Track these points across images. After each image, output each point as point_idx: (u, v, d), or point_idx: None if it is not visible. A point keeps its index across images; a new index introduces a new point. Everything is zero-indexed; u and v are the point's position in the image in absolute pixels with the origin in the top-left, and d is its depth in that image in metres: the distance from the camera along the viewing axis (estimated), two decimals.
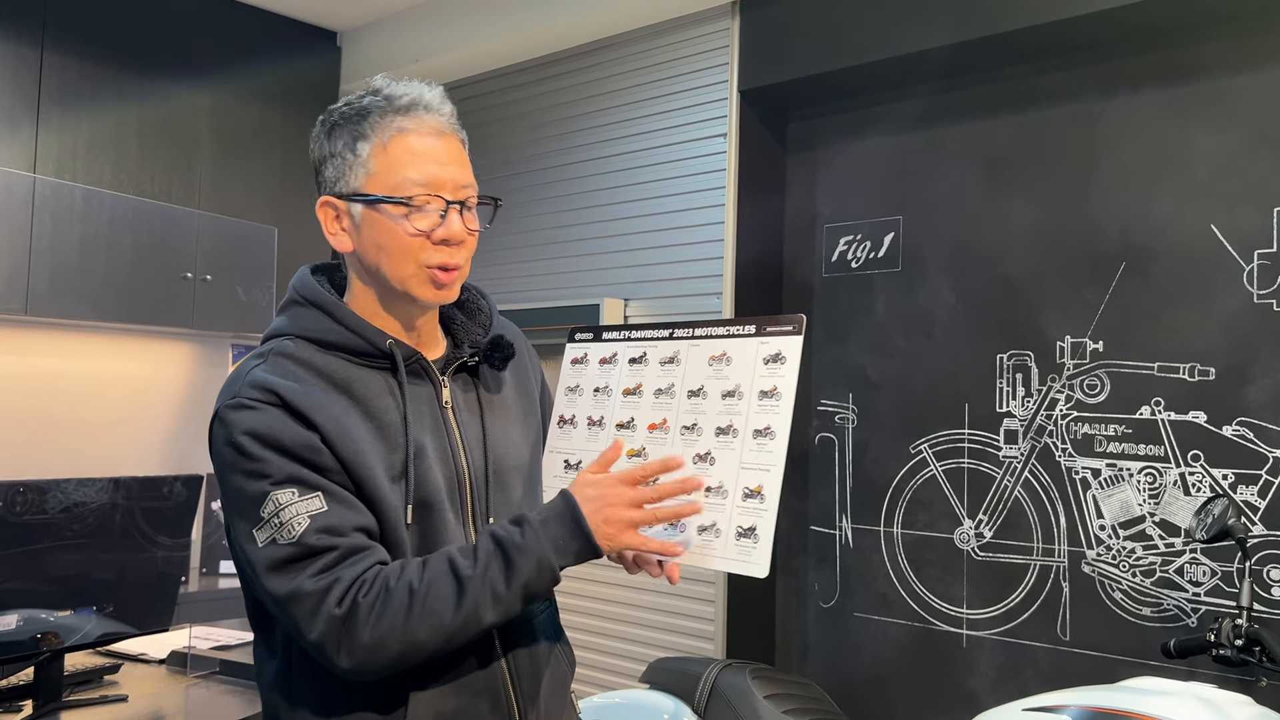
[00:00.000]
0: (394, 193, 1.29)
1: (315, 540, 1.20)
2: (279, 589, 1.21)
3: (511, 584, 1.23)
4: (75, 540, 2.17)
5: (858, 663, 2.94)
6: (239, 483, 1.24)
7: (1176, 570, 2.44)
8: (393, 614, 1.19)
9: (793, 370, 1.32)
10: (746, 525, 1.30)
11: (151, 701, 2.21)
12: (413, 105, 1.31)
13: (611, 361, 1.47)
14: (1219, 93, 2.46)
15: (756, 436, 1.33)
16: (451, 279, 1.34)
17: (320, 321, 1.33)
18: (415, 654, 1.21)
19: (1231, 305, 2.40)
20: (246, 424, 1.23)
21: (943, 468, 2.83)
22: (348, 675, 1.22)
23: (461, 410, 1.39)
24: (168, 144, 3.56)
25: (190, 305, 3.52)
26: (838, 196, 3.09)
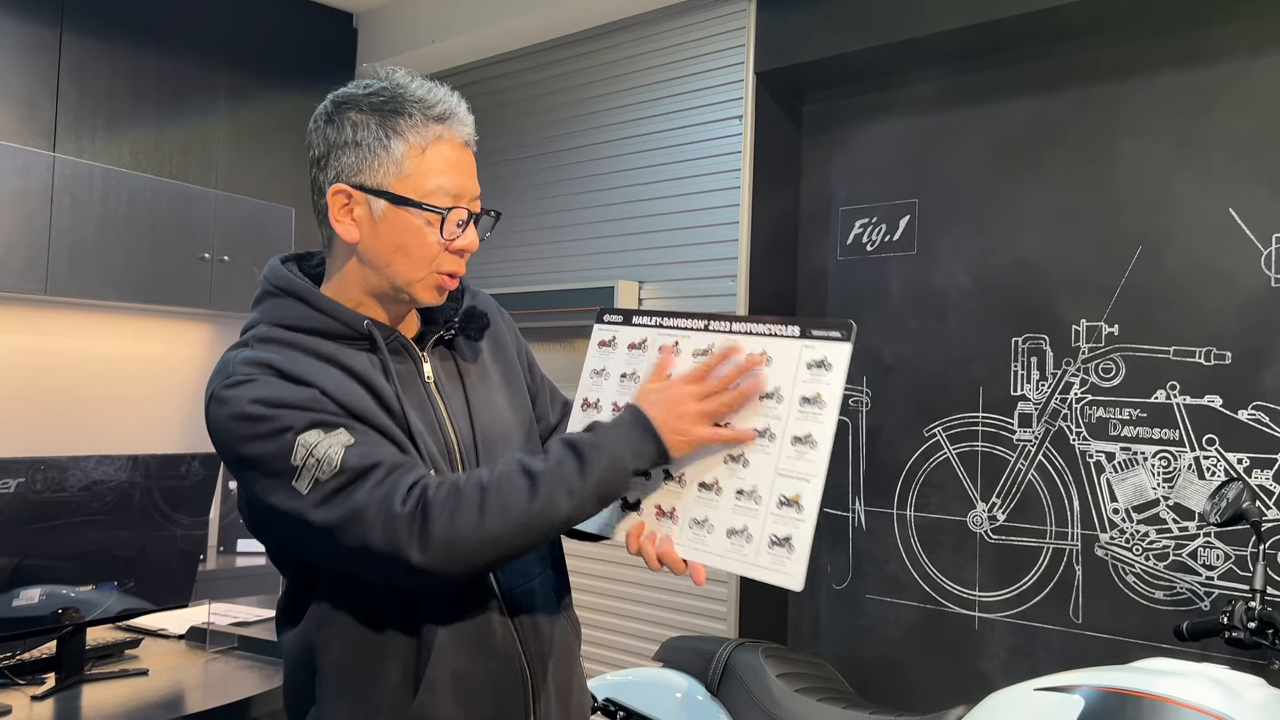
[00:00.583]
0: (427, 199, 1.31)
1: (357, 462, 1.21)
2: (334, 517, 1.21)
3: (586, 478, 1.24)
4: (96, 517, 2.20)
5: (870, 644, 2.96)
6: (259, 448, 1.24)
7: (1190, 554, 2.45)
8: (466, 508, 1.20)
9: (839, 379, 1.29)
10: (781, 534, 1.27)
11: (171, 675, 2.24)
12: (449, 114, 1.33)
13: (641, 348, 1.44)
14: (1238, 75, 2.44)
15: (796, 444, 1.29)
16: (454, 284, 1.38)
17: (297, 309, 1.34)
18: (489, 550, 1.21)
19: (1249, 289, 2.39)
20: (250, 394, 1.25)
21: (956, 451, 2.83)
22: (425, 579, 1.22)
23: (444, 384, 1.41)
24: (185, 125, 3.57)
25: (208, 285, 3.54)
26: (853, 179, 3.08)
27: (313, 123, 1.37)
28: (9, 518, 2.05)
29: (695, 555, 1.32)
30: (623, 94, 3.35)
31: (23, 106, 3.18)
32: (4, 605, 2.06)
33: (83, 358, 3.52)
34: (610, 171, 3.35)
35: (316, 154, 1.35)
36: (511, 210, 3.66)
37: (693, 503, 1.33)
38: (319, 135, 1.35)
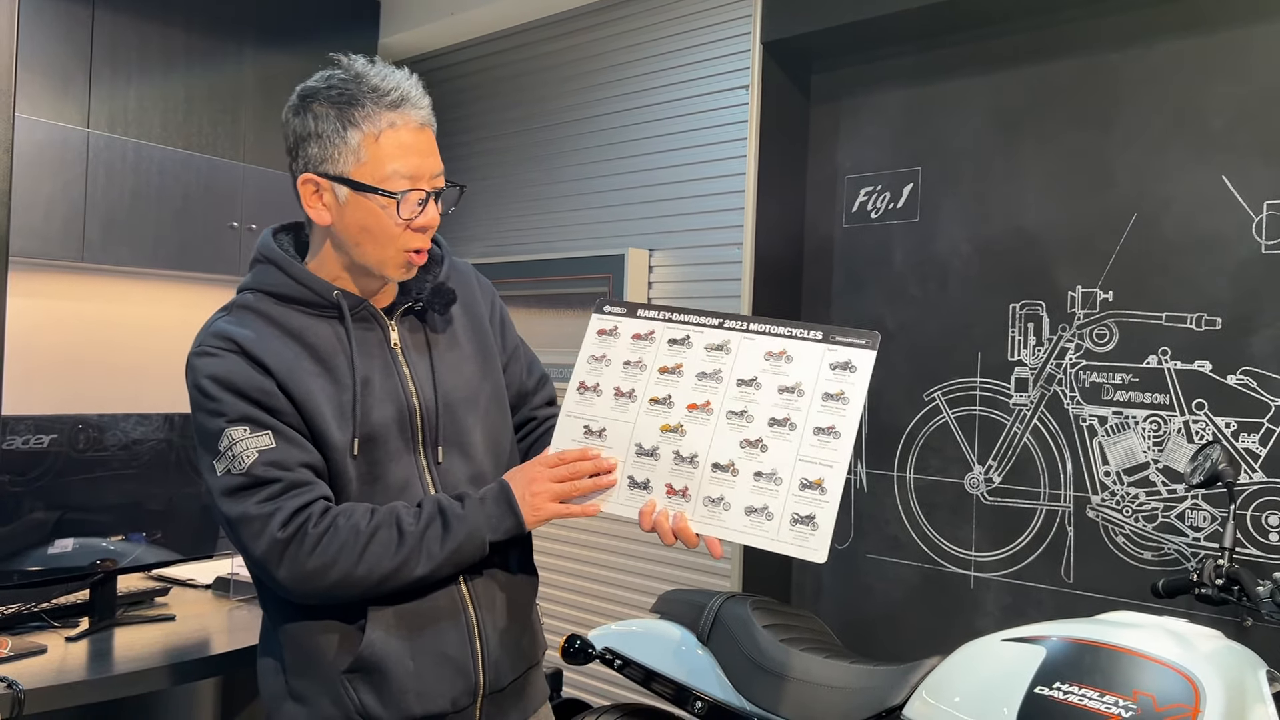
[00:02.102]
0: (383, 184, 1.40)
1: (262, 471, 1.36)
2: (230, 511, 1.37)
3: (445, 546, 1.39)
4: (129, 472, 2.34)
5: (869, 601, 3.04)
6: (202, 420, 1.40)
7: (1178, 516, 2.50)
8: (337, 548, 1.35)
9: (864, 380, 1.40)
10: (804, 513, 1.38)
11: (197, 621, 2.38)
12: (402, 100, 1.42)
13: (647, 339, 1.53)
14: (1233, 45, 2.46)
15: (818, 434, 1.40)
16: (422, 260, 1.48)
17: (276, 277, 1.47)
18: (346, 588, 1.37)
19: (1240, 256, 2.42)
20: (208, 369, 1.40)
21: (955, 415, 2.89)
22: (284, 591, 1.38)
23: (410, 350, 1.52)
24: (213, 98, 3.69)
25: (236, 253, 3.67)
26: (858, 148, 3.13)
27: (283, 115, 1.47)
28: (45, 471, 2.20)
29: (711, 530, 1.42)
30: (633, 64, 3.41)
31: (58, 81, 3.31)
32: (43, 553, 2.21)
33: (117, 321, 3.68)
34: (621, 141, 3.42)
35: (288, 145, 1.47)
36: (526, 179, 3.75)
37: (707, 482, 1.43)
38: (288, 127, 1.46)
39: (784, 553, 1.37)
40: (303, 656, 1.45)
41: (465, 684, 1.46)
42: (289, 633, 1.46)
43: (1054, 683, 1.72)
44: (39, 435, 2.22)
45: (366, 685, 1.42)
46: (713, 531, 1.42)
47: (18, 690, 1.85)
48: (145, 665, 2.06)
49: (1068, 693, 1.70)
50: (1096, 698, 1.66)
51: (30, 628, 2.22)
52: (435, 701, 1.44)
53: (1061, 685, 1.71)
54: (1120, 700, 1.64)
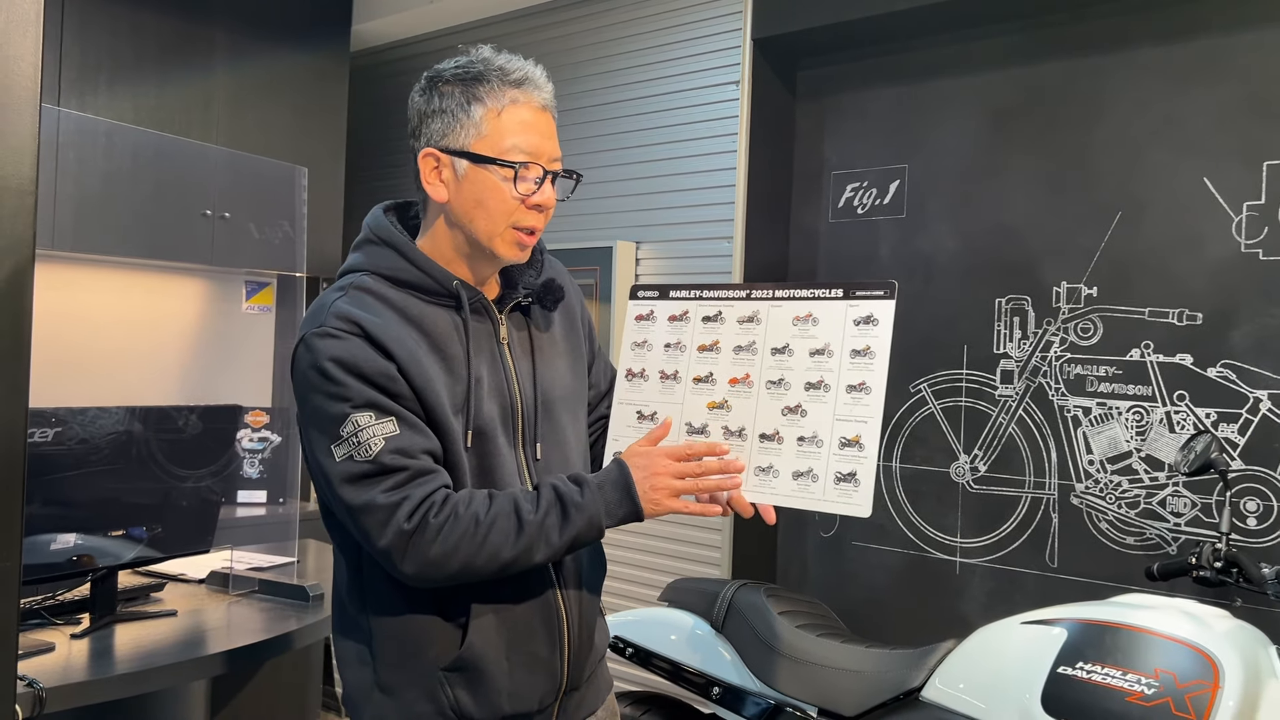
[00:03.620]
0: (503, 156, 1.42)
1: (389, 460, 1.34)
2: (354, 499, 1.35)
3: (564, 534, 1.38)
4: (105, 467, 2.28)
5: (855, 588, 3.12)
6: (320, 403, 1.37)
7: (1159, 502, 2.61)
8: (458, 537, 1.34)
9: (886, 331, 1.43)
10: (846, 471, 1.42)
11: (198, 616, 2.34)
12: (525, 80, 1.46)
13: (683, 319, 1.55)
14: (1214, 51, 2.57)
15: (850, 391, 1.43)
16: (533, 241, 1.48)
17: (393, 260, 1.46)
18: (468, 575, 1.37)
19: (1220, 254, 2.54)
20: (331, 351, 1.37)
21: (941, 406, 2.98)
22: (408, 579, 1.37)
23: (515, 347, 1.52)
24: (185, 82, 3.60)
25: (209, 242, 3.60)
26: (845, 144, 3.19)
27: (410, 97, 1.49)
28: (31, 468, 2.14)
29: (762, 498, 1.45)
30: (623, 57, 3.43)
31: None
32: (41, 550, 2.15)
33: (86, 312, 3.58)
34: (610, 134, 3.44)
35: (411, 125, 1.47)
36: None
37: (756, 453, 1.46)
38: (413, 108, 1.47)
39: (831, 511, 1.42)
40: (399, 650, 1.44)
41: (551, 684, 1.48)
42: (386, 626, 1.45)
43: (1077, 663, 1.80)
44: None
45: (463, 683, 1.43)
46: (764, 499, 1.45)
47: (38, 689, 1.81)
48: (157, 662, 2.02)
49: (1091, 672, 1.78)
50: (1120, 676, 1.75)
51: (30, 625, 2.17)
52: (525, 701, 1.46)
53: (1085, 665, 1.79)
54: (1143, 678, 1.73)
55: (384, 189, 4.21)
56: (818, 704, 2.09)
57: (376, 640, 1.45)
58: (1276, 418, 2.46)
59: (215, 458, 2.49)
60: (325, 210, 3.94)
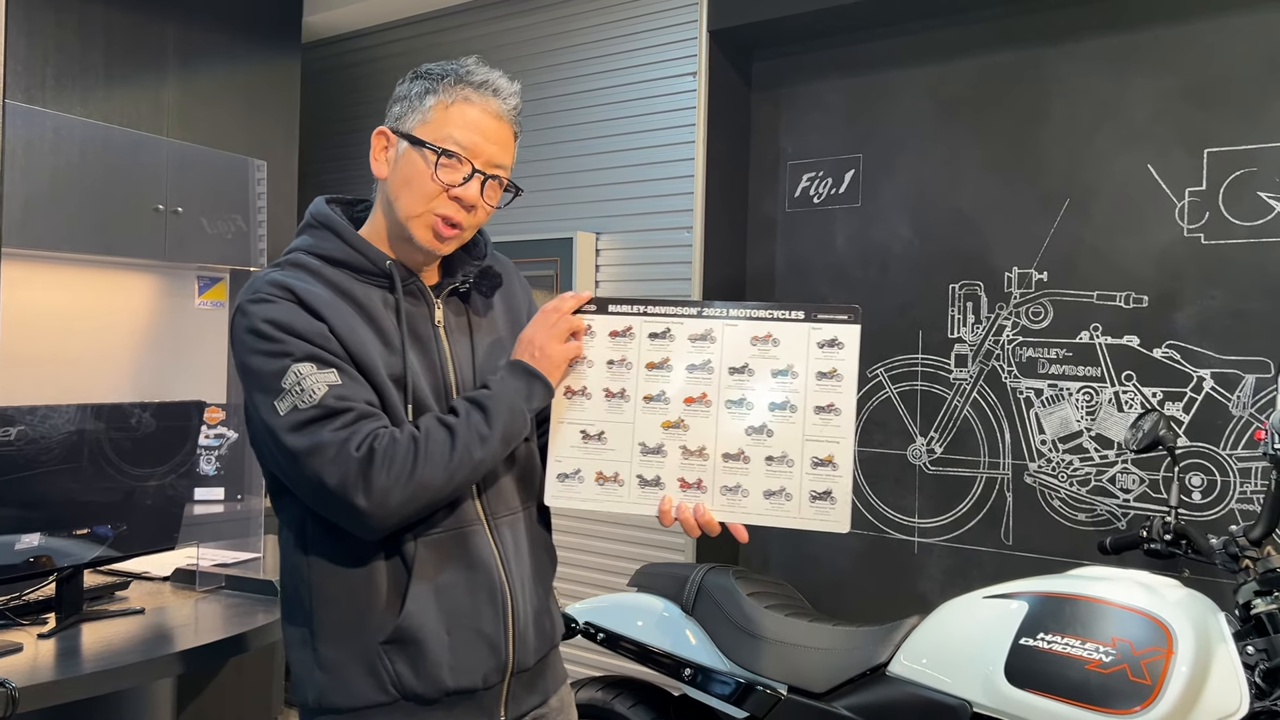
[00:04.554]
0: (437, 143, 1.46)
1: (334, 403, 1.38)
2: (300, 444, 1.37)
3: (492, 426, 1.43)
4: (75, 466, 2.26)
5: (817, 570, 3.18)
6: (260, 363, 1.40)
7: (1109, 480, 2.71)
8: (402, 457, 1.37)
9: (853, 354, 1.46)
10: (821, 490, 1.45)
11: (165, 614, 2.33)
12: (485, 84, 1.50)
13: (626, 335, 1.52)
14: (1155, 42, 2.66)
15: (819, 412, 1.45)
16: (451, 235, 1.50)
17: (330, 241, 1.51)
18: (423, 493, 1.39)
19: (1164, 239, 2.63)
20: (265, 313, 1.41)
21: (897, 390, 3.04)
22: (364, 519, 1.38)
23: (453, 330, 1.56)
24: (135, 76, 3.55)
25: (162, 237, 3.55)
26: (801, 135, 3.24)
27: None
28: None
29: (733, 517, 1.48)
30: (581, 49, 3.44)
31: None
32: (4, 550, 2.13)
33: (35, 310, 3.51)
34: (567, 125, 3.45)
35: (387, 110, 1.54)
36: None
37: (721, 472, 1.48)
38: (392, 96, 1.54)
39: (808, 529, 1.45)
40: (338, 625, 1.45)
41: (496, 661, 1.50)
42: (326, 601, 1.46)
43: (1038, 634, 1.87)
44: None
45: (403, 657, 1.44)
46: (735, 518, 1.47)
47: (11, 689, 1.79)
48: (127, 660, 2.01)
49: (1051, 642, 1.85)
50: (1079, 645, 1.82)
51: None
52: (468, 676, 1.47)
53: (1045, 636, 1.86)
54: (1101, 647, 1.80)
55: (338, 181, 4.19)
56: (787, 681, 2.14)
57: (316, 617, 1.46)
58: (1219, 396, 2.56)
59: (172, 455, 2.47)
60: (279, 203, 3.91)
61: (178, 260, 3.70)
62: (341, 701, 1.45)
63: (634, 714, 2.37)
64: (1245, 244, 2.53)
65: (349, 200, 1.62)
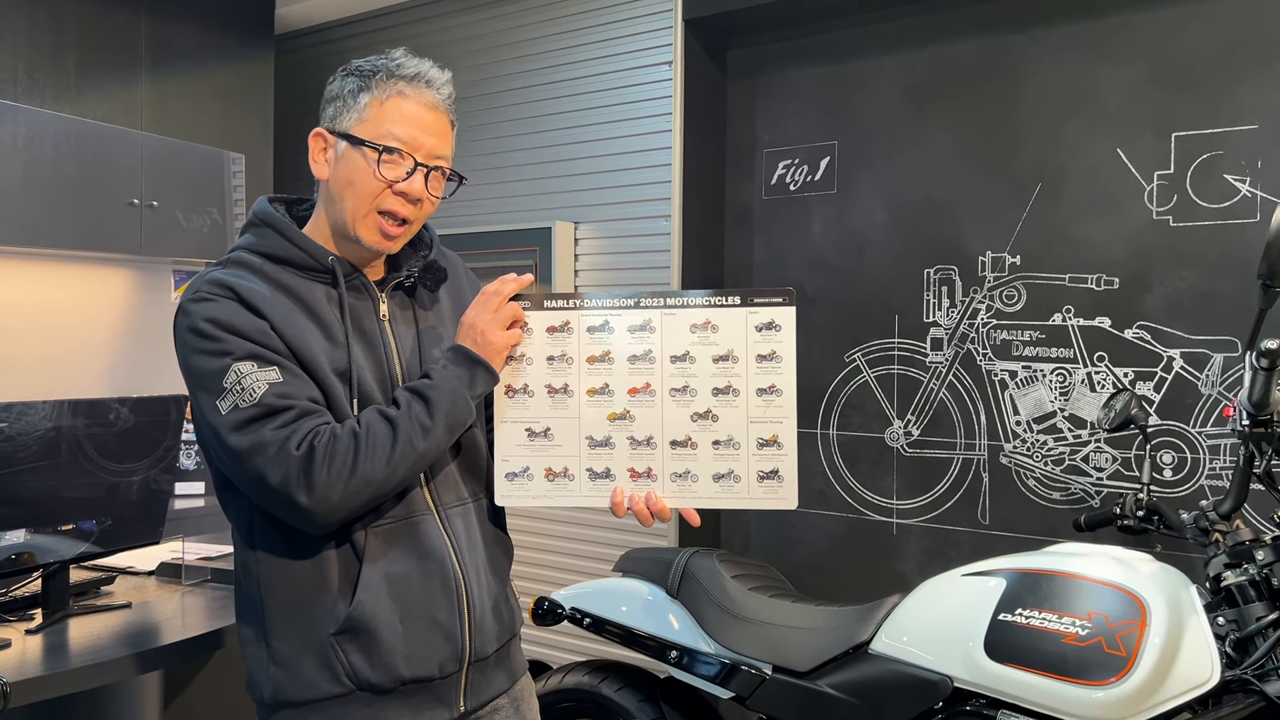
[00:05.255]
0: (377, 140, 1.46)
1: (274, 401, 1.38)
2: (241, 444, 1.37)
3: (435, 416, 1.43)
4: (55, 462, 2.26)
5: (798, 552, 3.22)
6: (201, 362, 1.40)
7: (1083, 459, 2.76)
8: (343, 454, 1.37)
9: (790, 335, 1.49)
10: (768, 469, 1.49)
11: (152, 608, 2.34)
12: (418, 77, 1.49)
13: (564, 330, 1.52)
14: (1125, 28, 2.71)
15: (761, 394, 1.49)
16: (399, 232, 1.51)
17: (271, 239, 1.51)
18: (366, 488, 1.39)
19: (1134, 222, 2.68)
20: (206, 312, 1.41)
21: (874, 374, 3.09)
22: (307, 516, 1.38)
23: (398, 324, 1.56)
24: (108, 70, 3.52)
25: (137, 232, 3.53)
26: (776, 123, 3.27)
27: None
28: None
29: (684, 502, 1.52)
30: (557, 38, 3.45)
31: None
32: None
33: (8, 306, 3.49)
34: (545, 114, 3.46)
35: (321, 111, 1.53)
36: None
37: (669, 460, 1.51)
38: (324, 95, 1.53)
39: (758, 507, 1.50)
40: (289, 618, 1.46)
41: (452, 650, 1.50)
42: (276, 595, 1.46)
43: (1016, 610, 1.91)
44: None
45: (356, 646, 1.44)
46: (686, 503, 1.51)
47: (3, 684, 1.80)
48: (117, 654, 2.02)
49: (1029, 617, 1.89)
50: (1056, 620, 1.86)
51: None
52: (424, 665, 1.47)
53: (1023, 611, 1.90)
54: (1077, 621, 1.84)
55: None
56: (772, 661, 2.18)
57: (268, 612, 1.47)
58: (1188, 375, 2.62)
59: (153, 449, 2.47)
60: (254, 196, 3.89)
61: (154, 254, 3.69)
62: (296, 695, 1.46)
63: (620, 697, 2.40)
64: (1212, 226, 2.59)
65: (292, 199, 1.62)
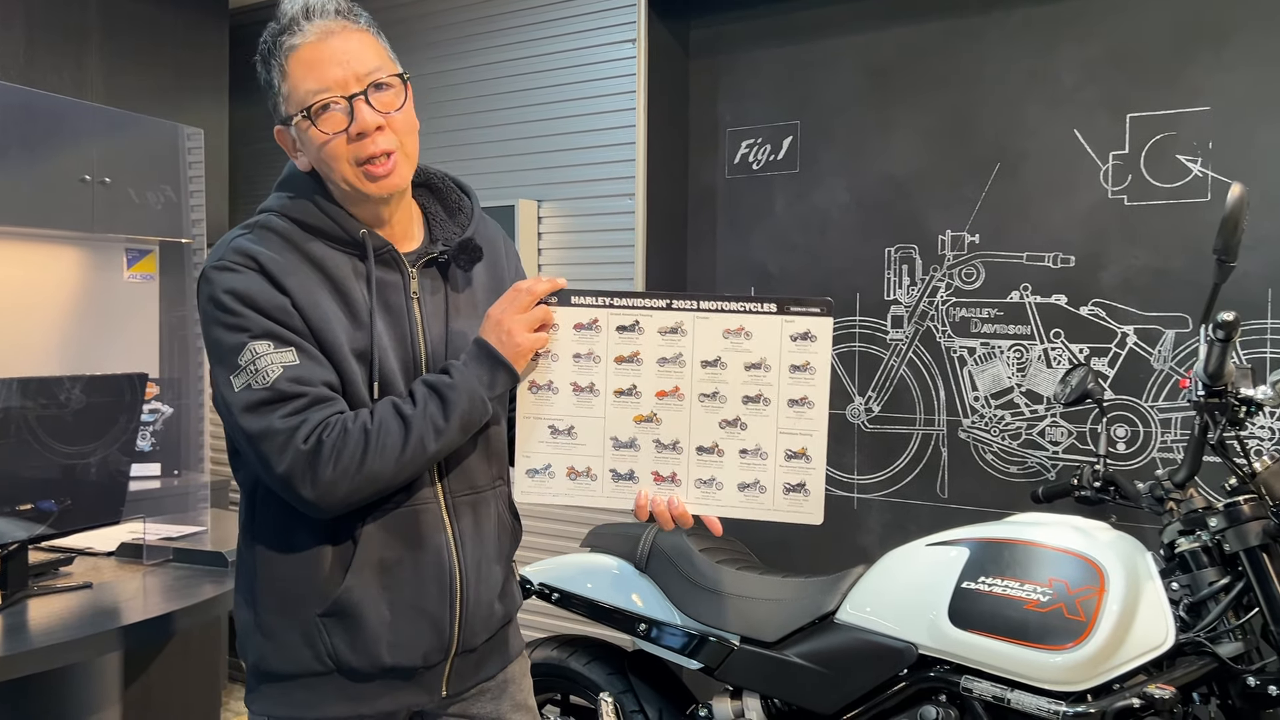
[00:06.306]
0: (300, 107, 1.41)
1: (286, 386, 1.36)
2: (252, 427, 1.36)
3: (449, 416, 1.40)
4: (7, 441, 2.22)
5: (761, 526, 3.23)
6: (219, 334, 1.39)
7: (1039, 433, 2.82)
8: (351, 450, 1.35)
9: (825, 348, 1.45)
10: (795, 482, 1.47)
11: (114, 588, 2.31)
12: (294, 21, 1.42)
13: (592, 328, 1.48)
14: (1081, 9, 2.76)
15: (793, 405, 1.46)
16: (385, 168, 1.43)
17: (303, 205, 1.47)
18: (371, 485, 1.38)
19: (1090, 201, 2.74)
20: (227, 283, 1.38)
21: (837, 351, 3.12)
22: (310, 508, 1.37)
23: (427, 302, 1.51)
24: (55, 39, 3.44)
25: (90, 209, 3.46)
26: (739, 102, 3.29)
27: None
28: None
29: (707, 510, 1.49)
30: (520, 14, 3.43)
31: None
32: None
33: None
34: (509, 91, 3.44)
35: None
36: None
37: (695, 465, 1.48)
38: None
39: (782, 520, 1.48)
40: (278, 593, 1.45)
41: (439, 641, 1.48)
42: (269, 566, 1.46)
43: (979, 578, 1.96)
44: None
45: (340, 630, 1.43)
46: (709, 511, 1.49)
47: None
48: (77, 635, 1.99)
49: (992, 585, 1.94)
50: (1018, 587, 1.91)
51: None
52: (408, 654, 1.46)
53: (986, 579, 1.95)
54: (1038, 588, 1.90)
55: (273, 150, 4.11)
56: (740, 632, 2.21)
57: (259, 580, 1.47)
58: (1141, 351, 2.69)
59: (110, 428, 2.44)
60: (210, 173, 3.83)
61: (106, 232, 3.62)
62: (278, 667, 1.46)
63: (589, 670, 2.42)
64: (1165, 205, 2.65)
65: None
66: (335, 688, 1.46)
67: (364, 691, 1.47)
